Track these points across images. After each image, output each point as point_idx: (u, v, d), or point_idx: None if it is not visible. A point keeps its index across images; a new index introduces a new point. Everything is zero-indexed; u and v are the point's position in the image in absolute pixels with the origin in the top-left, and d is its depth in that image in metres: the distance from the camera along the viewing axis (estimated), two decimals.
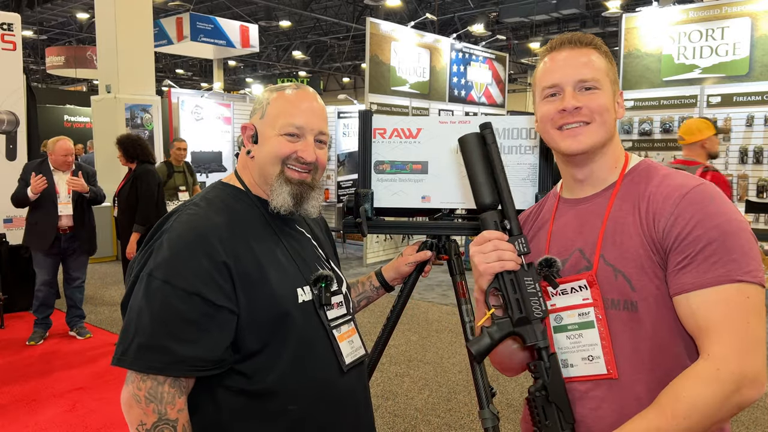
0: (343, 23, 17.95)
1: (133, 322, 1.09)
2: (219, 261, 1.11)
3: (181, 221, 1.17)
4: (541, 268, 1.13)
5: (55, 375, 4.16)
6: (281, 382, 1.16)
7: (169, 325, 1.07)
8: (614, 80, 1.18)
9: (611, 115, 1.15)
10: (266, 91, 1.32)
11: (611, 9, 13.46)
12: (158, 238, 1.16)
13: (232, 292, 1.12)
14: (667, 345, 1.06)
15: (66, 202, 4.69)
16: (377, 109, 7.63)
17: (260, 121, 1.27)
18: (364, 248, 8.18)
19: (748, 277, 0.98)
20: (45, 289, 4.80)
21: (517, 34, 19.16)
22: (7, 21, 6.23)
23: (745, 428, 3.44)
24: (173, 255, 1.11)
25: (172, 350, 1.07)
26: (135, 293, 1.13)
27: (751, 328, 0.96)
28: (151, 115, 8.64)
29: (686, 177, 1.09)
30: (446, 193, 1.78)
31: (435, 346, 4.76)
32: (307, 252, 1.31)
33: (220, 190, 1.28)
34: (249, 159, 1.28)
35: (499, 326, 1.09)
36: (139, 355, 1.07)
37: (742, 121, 6.58)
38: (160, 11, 14.72)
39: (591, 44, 1.17)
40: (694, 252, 1.00)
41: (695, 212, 1.02)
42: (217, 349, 1.10)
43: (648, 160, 1.19)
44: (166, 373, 1.07)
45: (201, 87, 22.38)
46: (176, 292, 1.08)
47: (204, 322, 1.09)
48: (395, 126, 1.79)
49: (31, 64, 22.16)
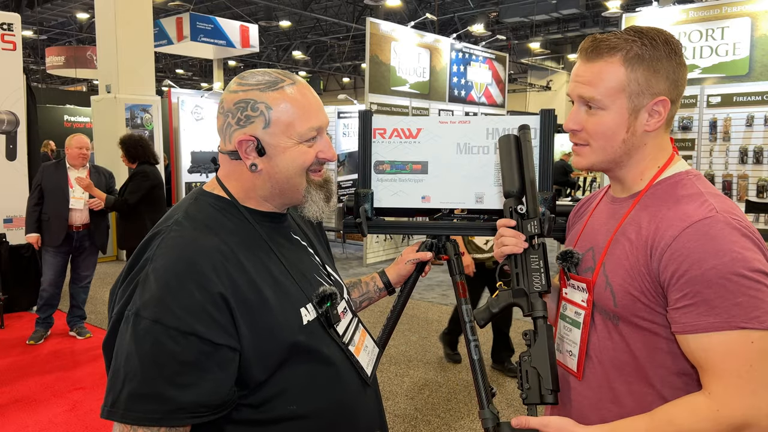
0: (343, 23, 17.95)
1: (122, 368, 0.96)
2: (214, 293, 0.98)
3: (166, 247, 1.02)
4: (559, 260, 1.22)
5: (55, 375, 4.16)
6: (292, 409, 1.06)
7: (164, 369, 0.95)
8: (636, 92, 1.07)
9: (615, 138, 1.09)
10: (248, 88, 1.09)
11: (611, 9, 13.46)
12: (141, 269, 1.01)
13: (232, 327, 0.99)
14: (643, 367, 1.05)
15: (79, 197, 4.68)
16: (377, 109, 7.63)
17: (265, 130, 1.08)
18: (364, 248, 8.18)
19: (753, 324, 0.91)
20: (51, 288, 4.80)
21: (517, 34, 19.16)
22: (7, 21, 6.22)
23: None
24: (162, 290, 0.97)
25: (169, 397, 0.94)
26: (121, 335, 0.98)
27: (755, 371, 0.91)
28: (151, 115, 8.64)
29: (697, 206, 1.00)
30: (446, 193, 1.78)
31: (435, 346, 4.76)
32: (305, 263, 1.20)
33: (203, 201, 1.13)
34: (251, 174, 1.11)
35: (500, 298, 1.19)
36: (131, 405, 0.94)
37: (742, 121, 6.58)
38: (160, 11, 14.72)
39: (606, 55, 1.07)
40: (692, 293, 0.95)
41: (693, 250, 0.95)
42: (221, 392, 0.99)
43: (685, 173, 1.10)
44: (163, 424, 0.95)
45: (201, 87, 22.39)
46: (168, 332, 0.95)
47: (202, 363, 0.96)
48: (395, 126, 1.79)
49: (31, 64, 22.16)
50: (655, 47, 1.06)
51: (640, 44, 1.06)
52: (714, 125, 6.75)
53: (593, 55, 1.09)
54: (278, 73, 1.12)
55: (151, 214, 4.58)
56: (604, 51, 1.08)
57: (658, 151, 1.11)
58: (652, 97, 1.07)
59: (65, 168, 4.71)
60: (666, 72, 1.06)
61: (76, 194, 4.67)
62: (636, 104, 1.07)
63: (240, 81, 1.11)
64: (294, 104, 1.09)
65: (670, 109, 1.08)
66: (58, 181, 4.65)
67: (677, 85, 1.08)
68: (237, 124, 1.09)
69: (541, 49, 19.83)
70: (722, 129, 6.71)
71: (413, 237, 8.65)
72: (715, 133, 6.74)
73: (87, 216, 4.70)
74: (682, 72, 1.09)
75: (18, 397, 3.77)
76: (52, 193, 4.62)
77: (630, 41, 1.07)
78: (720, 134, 6.72)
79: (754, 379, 0.91)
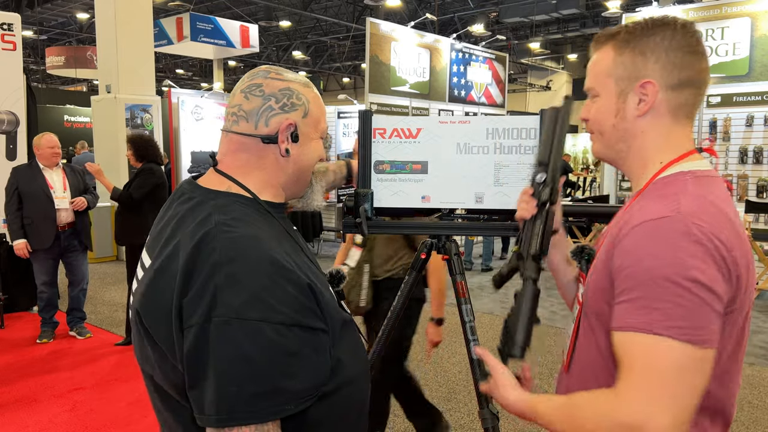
0: (343, 23, 17.95)
1: (231, 372, 0.95)
2: (303, 284, 1.02)
3: (233, 249, 1.00)
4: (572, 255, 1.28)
5: (55, 375, 4.17)
6: (346, 376, 1.11)
7: (278, 365, 0.97)
8: (623, 76, 1.06)
9: (607, 123, 1.09)
10: (298, 84, 1.17)
11: (611, 9, 13.47)
12: (210, 275, 0.97)
13: (320, 312, 1.04)
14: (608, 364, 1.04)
15: (62, 197, 4.67)
16: (377, 109, 7.63)
17: (303, 120, 1.15)
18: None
19: (671, 333, 0.87)
20: (48, 289, 4.80)
21: (517, 34, 19.16)
22: (7, 21, 6.23)
23: (745, 428, 3.44)
24: (257, 290, 0.97)
25: (286, 389, 0.97)
26: (218, 342, 0.95)
27: (660, 380, 0.88)
28: (151, 115, 8.64)
29: (663, 205, 0.97)
30: (446, 193, 1.78)
31: None
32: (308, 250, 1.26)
33: (228, 200, 1.11)
34: (277, 160, 1.14)
35: (510, 261, 1.25)
36: (254, 406, 0.95)
37: (742, 121, 6.58)
38: (160, 11, 14.73)
39: (603, 44, 1.10)
40: (627, 289, 0.94)
41: (637, 247, 0.94)
42: (325, 373, 1.04)
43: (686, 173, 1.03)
44: (280, 416, 0.97)
45: (201, 87, 22.39)
46: (276, 328, 0.97)
47: (307, 350, 1.01)
48: (395, 126, 1.79)
49: (31, 64, 22.16)
50: (647, 30, 1.04)
51: (632, 28, 1.06)
52: (714, 125, 6.75)
53: (595, 47, 1.13)
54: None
55: (153, 212, 4.57)
56: (602, 41, 1.11)
57: (662, 143, 1.06)
58: (638, 80, 1.05)
59: (39, 169, 4.67)
60: (656, 55, 1.03)
61: (57, 194, 4.66)
62: (623, 88, 1.07)
63: (277, 72, 1.17)
64: (320, 105, 1.21)
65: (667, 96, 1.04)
66: (36, 183, 4.61)
67: (674, 70, 1.03)
68: (281, 109, 1.14)
69: (541, 49, 19.84)
70: (722, 129, 6.72)
71: None
72: (715, 133, 6.74)
73: (72, 214, 4.72)
74: (685, 57, 1.03)
75: (18, 397, 3.77)
76: (32, 196, 4.58)
77: (624, 27, 1.08)
78: (720, 134, 6.72)
79: (656, 387, 0.88)
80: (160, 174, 4.76)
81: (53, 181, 4.68)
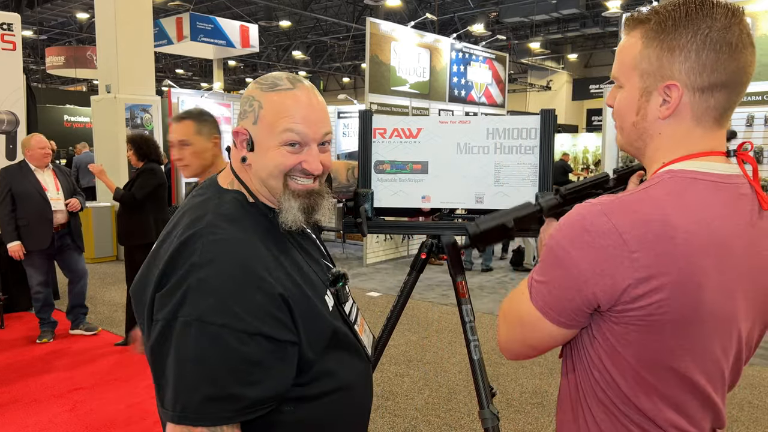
0: (343, 23, 17.95)
1: (190, 373, 0.97)
2: (275, 294, 1.02)
3: (213, 251, 1.02)
4: None
5: (55, 375, 4.16)
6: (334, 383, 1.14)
7: (235, 371, 0.98)
8: (648, 71, 0.95)
9: (627, 119, 1.00)
10: (255, 86, 1.14)
11: (611, 9, 13.47)
12: (187, 274, 1.00)
13: (292, 324, 1.04)
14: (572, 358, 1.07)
15: (57, 198, 4.67)
16: (377, 109, 7.63)
17: (253, 126, 1.12)
18: (364, 248, 8.18)
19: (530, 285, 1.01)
20: (44, 289, 4.79)
21: (517, 34, 19.16)
22: (7, 21, 6.23)
23: (745, 428, 3.44)
24: (224, 296, 0.99)
25: (241, 396, 0.98)
26: (180, 341, 0.98)
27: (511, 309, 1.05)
28: (151, 115, 8.64)
29: (602, 199, 0.94)
30: (446, 193, 1.78)
31: (435, 346, 4.76)
32: (315, 251, 1.25)
33: (231, 199, 1.14)
34: (244, 165, 1.16)
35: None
36: (205, 409, 0.97)
37: (742, 121, 6.58)
38: (160, 11, 14.73)
39: (633, 29, 0.98)
40: None
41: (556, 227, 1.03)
42: (286, 383, 1.04)
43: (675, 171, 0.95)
44: (234, 421, 0.99)
45: (201, 87, 22.39)
46: (237, 335, 0.98)
47: (269, 360, 1.01)
48: (395, 126, 1.79)
49: (31, 64, 22.16)
50: (680, 21, 0.92)
51: (664, 16, 0.93)
52: None
53: (626, 30, 1.01)
54: (287, 77, 1.14)
55: (155, 212, 4.59)
56: (632, 25, 0.99)
57: (674, 145, 0.97)
58: (663, 80, 0.94)
59: (30, 170, 4.65)
60: (685, 54, 0.91)
61: (51, 195, 4.66)
62: (647, 85, 0.96)
63: (262, 79, 1.17)
64: (280, 106, 1.10)
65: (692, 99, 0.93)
66: (29, 184, 4.60)
67: (703, 72, 0.91)
68: (239, 118, 1.17)
69: (541, 49, 19.84)
70: None
71: (413, 237, 8.65)
72: None
73: (66, 215, 4.72)
74: (719, 57, 0.91)
75: (18, 397, 3.77)
76: (27, 197, 4.56)
77: (657, 12, 0.95)
78: None
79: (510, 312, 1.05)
80: (161, 174, 4.76)
81: (45, 181, 4.67)
